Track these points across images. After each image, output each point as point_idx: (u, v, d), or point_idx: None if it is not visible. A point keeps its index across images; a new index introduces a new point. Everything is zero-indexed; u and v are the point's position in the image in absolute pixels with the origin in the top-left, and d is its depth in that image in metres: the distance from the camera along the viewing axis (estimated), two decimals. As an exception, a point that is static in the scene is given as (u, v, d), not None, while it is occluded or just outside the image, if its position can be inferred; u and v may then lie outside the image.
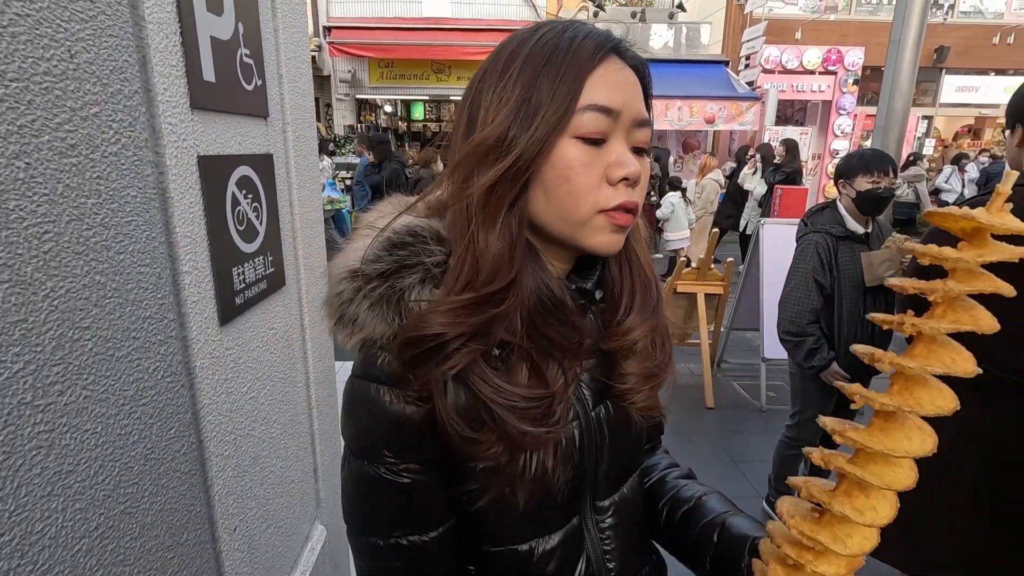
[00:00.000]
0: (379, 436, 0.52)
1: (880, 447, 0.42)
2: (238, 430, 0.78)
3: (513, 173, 0.50)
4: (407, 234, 0.53)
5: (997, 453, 1.32)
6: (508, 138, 0.50)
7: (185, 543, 0.65)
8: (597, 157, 0.51)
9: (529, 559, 0.57)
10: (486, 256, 0.50)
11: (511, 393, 0.50)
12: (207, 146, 0.68)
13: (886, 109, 4.36)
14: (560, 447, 0.54)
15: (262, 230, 0.84)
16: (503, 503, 0.54)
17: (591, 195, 0.51)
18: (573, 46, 0.50)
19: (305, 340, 1.05)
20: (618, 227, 0.53)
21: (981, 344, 1.43)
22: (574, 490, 0.58)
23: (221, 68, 0.71)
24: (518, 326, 0.51)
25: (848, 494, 0.45)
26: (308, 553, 1.06)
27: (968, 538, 1.38)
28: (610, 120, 0.51)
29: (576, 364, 0.55)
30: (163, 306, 0.60)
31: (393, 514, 0.54)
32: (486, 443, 0.50)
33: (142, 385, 0.56)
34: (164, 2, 0.59)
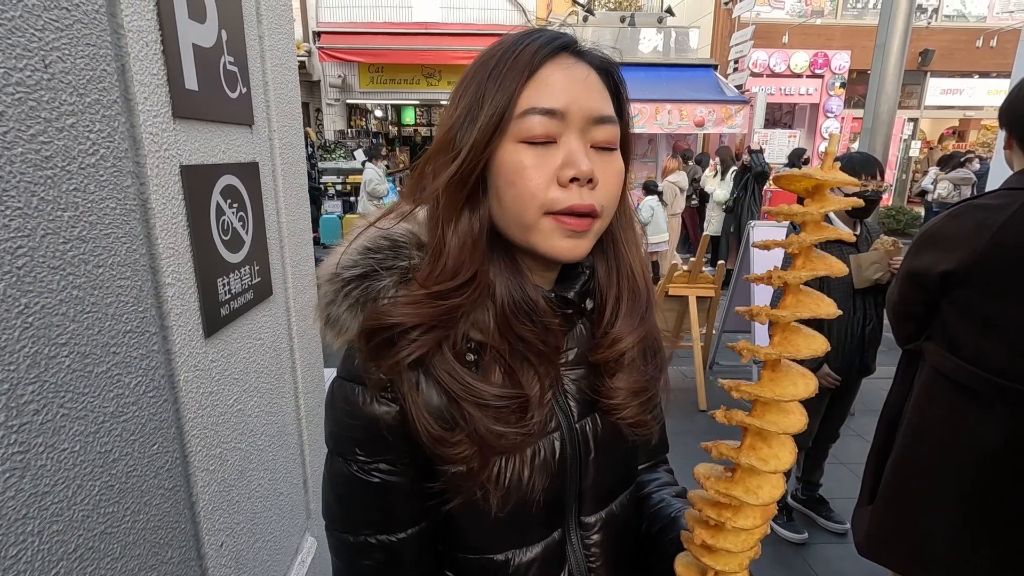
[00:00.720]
0: (353, 434, 0.53)
1: (771, 395, 0.47)
2: (224, 443, 0.76)
3: (459, 178, 0.51)
4: (383, 239, 0.54)
5: (981, 452, 1.33)
6: (455, 143, 0.51)
7: (169, 561, 0.63)
8: (546, 159, 0.50)
9: (505, 569, 0.56)
10: (447, 253, 0.51)
11: (482, 391, 0.51)
12: (190, 155, 0.67)
13: (872, 112, 4.41)
14: (537, 456, 0.54)
15: (248, 239, 0.82)
16: (476, 509, 0.53)
17: (537, 198, 0.50)
18: (516, 50, 0.50)
19: (293, 350, 1.04)
20: (572, 232, 0.51)
21: (972, 350, 1.43)
22: (555, 502, 0.57)
23: (204, 76, 0.70)
24: (490, 325, 0.52)
25: (753, 447, 0.49)
26: (298, 566, 1.04)
27: (956, 536, 1.39)
28: (556, 121, 0.50)
29: (552, 368, 0.55)
30: (145, 319, 0.59)
31: (363, 512, 0.54)
32: (457, 444, 0.50)
33: (123, 401, 0.55)
34: (144, 10, 0.58)
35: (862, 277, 2.05)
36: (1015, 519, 1.33)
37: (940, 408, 1.41)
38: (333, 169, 8.92)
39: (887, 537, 1.54)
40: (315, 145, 8.99)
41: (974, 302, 1.32)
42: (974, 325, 1.33)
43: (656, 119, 9.13)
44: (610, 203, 0.53)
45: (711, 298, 3.97)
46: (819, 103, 11.22)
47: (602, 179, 0.52)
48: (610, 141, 0.52)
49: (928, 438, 1.45)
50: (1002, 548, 1.34)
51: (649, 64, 10.20)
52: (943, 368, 1.39)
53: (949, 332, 1.38)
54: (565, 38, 0.53)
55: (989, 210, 1.30)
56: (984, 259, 1.27)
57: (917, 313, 1.46)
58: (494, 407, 0.51)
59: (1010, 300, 1.26)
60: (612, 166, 0.53)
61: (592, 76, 0.52)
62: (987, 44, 11.19)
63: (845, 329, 2.12)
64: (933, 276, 1.37)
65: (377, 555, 0.54)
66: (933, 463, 1.43)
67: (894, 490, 1.52)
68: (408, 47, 9.52)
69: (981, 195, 1.38)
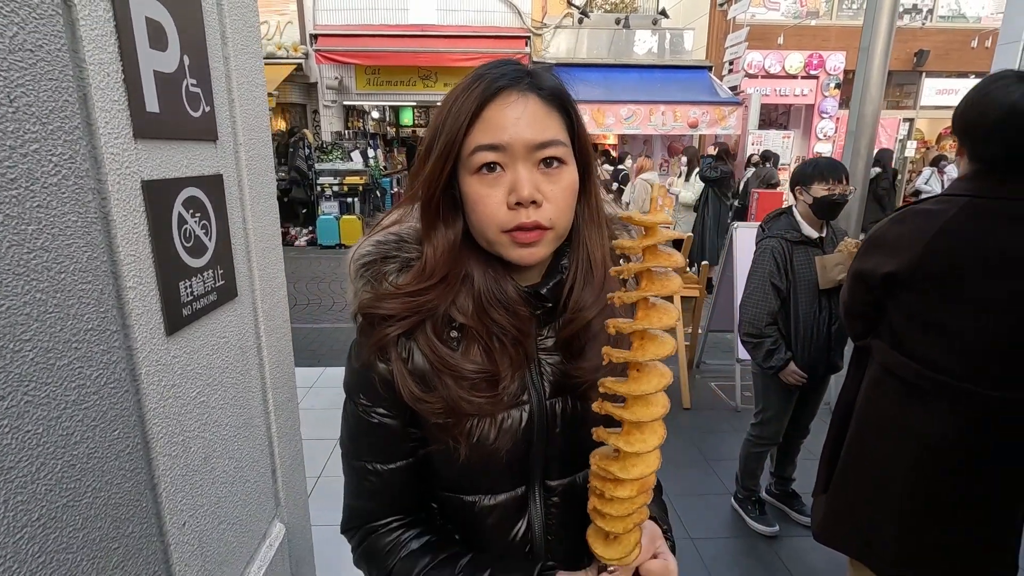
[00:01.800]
0: (356, 381, 0.69)
1: (638, 391, 0.57)
2: (187, 432, 0.83)
3: (425, 200, 0.65)
4: (391, 234, 0.70)
5: (925, 446, 1.40)
6: (424, 168, 0.64)
7: (131, 535, 0.71)
8: (496, 187, 0.61)
9: (471, 508, 0.70)
10: (426, 259, 0.66)
11: (456, 364, 0.64)
12: (152, 171, 0.75)
13: (857, 114, 4.47)
14: (505, 422, 0.66)
15: (211, 245, 0.90)
16: (448, 455, 0.66)
17: (495, 220, 0.62)
18: (469, 92, 0.61)
19: (261, 348, 1.11)
20: (523, 243, 0.62)
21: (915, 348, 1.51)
22: (522, 464, 0.69)
23: (166, 99, 0.77)
24: (469, 309, 0.65)
25: (628, 433, 0.58)
26: (266, 549, 1.12)
27: (901, 523, 1.46)
28: (500, 153, 0.60)
29: (521, 348, 0.66)
30: (106, 319, 0.66)
31: (364, 444, 0.70)
32: (433, 403, 0.64)
33: (84, 391, 0.62)
34: (106, 44, 0.65)
35: (827, 278, 2.12)
36: (956, 508, 1.40)
37: (886, 403, 1.49)
38: (330, 170, 8.99)
39: (839, 524, 1.61)
40: (312, 146, 9.07)
41: (915, 304, 1.39)
42: (916, 325, 1.40)
43: (650, 120, 9.21)
44: (558, 214, 0.63)
45: (696, 298, 4.03)
46: (814, 104, 11.28)
47: (550, 196, 0.62)
48: (556, 157, 0.62)
49: (875, 431, 1.52)
50: (943, 535, 1.42)
51: (644, 66, 10.26)
52: (889, 364, 1.47)
53: (894, 331, 1.45)
54: (508, 77, 0.62)
55: (928, 215, 1.37)
56: (921, 263, 1.33)
57: (865, 312, 1.53)
58: (468, 379, 0.64)
59: (946, 303, 1.33)
60: (559, 183, 0.63)
61: (534, 106, 0.61)
62: (982, 44, 11.24)
63: (811, 328, 2.19)
64: (877, 278, 1.44)
65: (373, 479, 0.70)
66: (880, 455, 1.50)
67: (845, 480, 1.59)
68: (404, 49, 9.61)
69: (923, 200, 1.45)
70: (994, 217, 1.28)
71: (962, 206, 1.32)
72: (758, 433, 2.42)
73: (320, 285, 6.87)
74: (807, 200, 2.20)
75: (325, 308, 5.99)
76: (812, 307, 2.18)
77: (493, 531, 0.71)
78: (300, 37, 9.84)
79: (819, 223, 2.21)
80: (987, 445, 1.34)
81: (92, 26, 0.63)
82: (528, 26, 9.99)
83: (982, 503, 1.38)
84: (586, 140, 0.67)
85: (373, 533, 0.72)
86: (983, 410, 1.33)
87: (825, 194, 2.16)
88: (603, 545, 0.62)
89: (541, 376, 0.69)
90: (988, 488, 1.38)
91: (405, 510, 0.73)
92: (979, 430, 1.34)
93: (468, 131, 0.60)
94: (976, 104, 1.30)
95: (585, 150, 0.67)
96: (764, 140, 9.56)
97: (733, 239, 3.77)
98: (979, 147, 1.31)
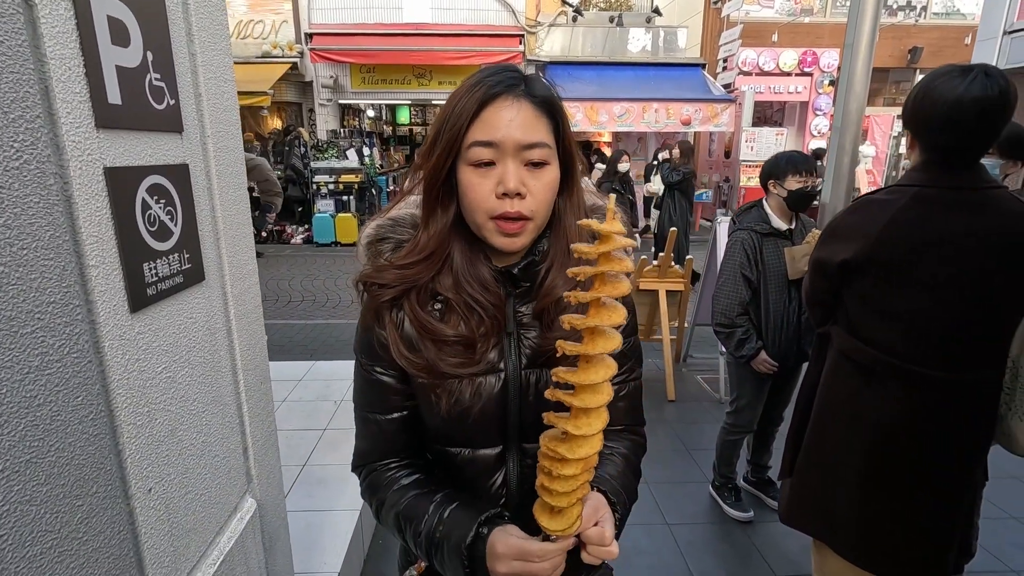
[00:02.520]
0: (361, 344, 0.82)
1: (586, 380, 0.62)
2: (152, 404, 0.89)
3: (429, 185, 0.75)
4: (389, 218, 0.81)
5: (878, 427, 1.45)
6: (427, 160, 0.74)
7: (94, 495, 0.77)
8: (488, 177, 0.71)
9: (455, 459, 0.82)
10: (421, 239, 0.76)
11: (435, 329, 0.75)
12: (114, 159, 0.80)
13: (841, 111, 4.52)
14: (482, 386, 0.76)
15: (177, 231, 0.95)
16: (430, 409, 0.78)
17: (484, 205, 0.71)
18: (471, 95, 0.70)
19: (232, 330, 1.17)
20: (506, 232, 0.72)
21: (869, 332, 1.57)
22: (497, 424, 0.79)
23: (128, 92, 0.83)
24: (449, 284, 0.76)
25: (576, 417, 0.64)
26: (236, 522, 1.18)
27: (859, 502, 1.51)
28: (493, 149, 0.70)
29: (495, 321, 0.76)
30: (68, 293, 0.72)
31: (367, 397, 0.83)
32: (416, 363, 0.75)
33: (47, 358, 0.68)
34: (67, 41, 0.71)
35: (795, 268, 2.18)
36: (910, 491, 1.45)
37: (843, 386, 1.54)
38: (326, 168, 9.04)
39: (803, 506, 1.66)
40: (308, 145, 9.12)
41: (868, 290, 1.44)
42: (869, 311, 1.45)
43: (643, 118, 9.25)
44: (538, 207, 0.73)
45: (681, 292, 4.09)
46: (808, 101, 11.31)
47: (533, 191, 0.72)
48: (541, 159, 0.72)
49: (834, 414, 1.57)
50: (899, 517, 1.47)
51: (637, 64, 10.30)
52: (845, 349, 1.52)
53: (850, 317, 1.50)
54: (505, 84, 0.71)
55: (880, 205, 1.42)
56: (874, 251, 1.39)
57: (824, 300, 1.58)
58: (446, 344, 0.75)
59: (897, 289, 1.39)
60: (542, 180, 0.72)
61: (526, 111, 0.71)
62: (975, 41, 11.27)
63: (781, 318, 2.25)
64: (833, 266, 1.49)
65: (374, 427, 0.83)
66: (838, 437, 1.55)
67: (807, 463, 1.64)
68: (399, 48, 9.65)
69: (877, 190, 1.50)
70: (939, 206, 1.34)
71: (912, 195, 1.37)
72: (733, 421, 2.48)
73: (315, 282, 6.93)
74: (781, 193, 2.26)
75: (319, 304, 6.05)
76: (782, 297, 2.23)
77: (472, 481, 0.81)
78: (295, 36, 9.89)
79: (789, 215, 2.26)
80: (938, 427, 1.39)
81: (53, 23, 0.68)
82: (522, 24, 10.04)
83: (936, 485, 1.43)
84: (570, 142, 0.77)
85: (375, 471, 0.84)
86: (933, 392, 1.38)
87: (799, 187, 2.22)
88: (548, 518, 0.68)
89: (519, 349, 0.78)
90: (941, 470, 1.42)
91: (402, 454, 0.85)
92: (929, 412, 1.39)
93: (468, 128, 0.70)
94: (925, 98, 1.36)
95: (568, 151, 0.77)
96: (758, 137, 9.61)
97: (716, 233, 3.83)
98: (930, 138, 1.36)
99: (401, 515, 0.78)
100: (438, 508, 0.75)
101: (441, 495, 0.77)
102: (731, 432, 2.50)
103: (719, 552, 2.35)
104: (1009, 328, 1.35)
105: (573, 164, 0.78)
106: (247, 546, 1.20)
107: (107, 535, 0.79)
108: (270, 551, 1.35)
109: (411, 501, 0.78)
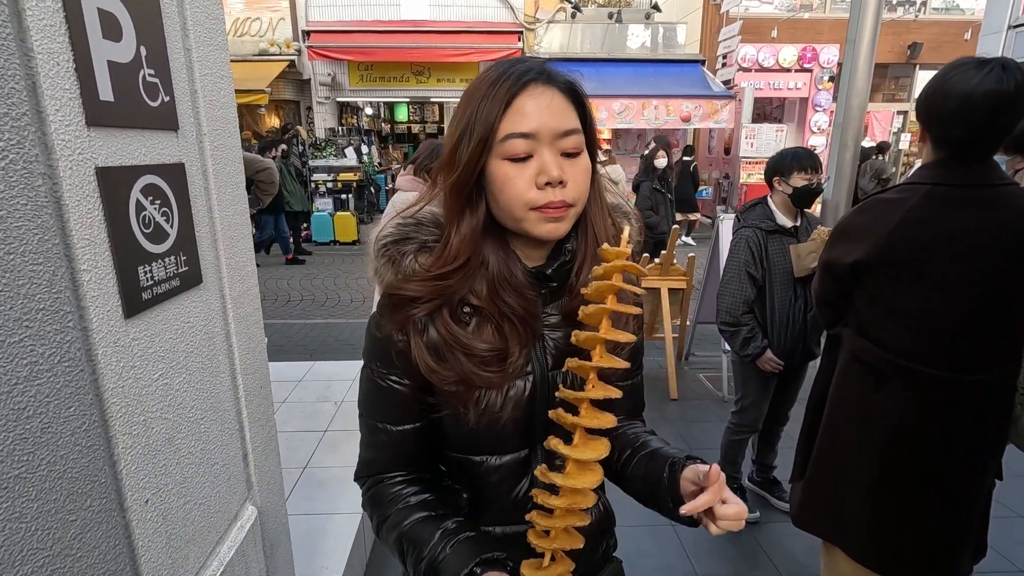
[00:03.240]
0: (373, 350, 0.76)
1: (578, 456, 0.63)
2: (148, 412, 0.86)
3: (458, 187, 0.70)
4: (410, 217, 0.76)
5: (889, 428, 1.43)
6: (455, 158, 0.69)
7: (89, 508, 0.74)
8: (525, 169, 0.68)
9: (479, 468, 0.78)
10: (451, 244, 0.71)
11: (468, 343, 0.71)
12: (107, 158, 0.77)
13: (844, 107, 4.49)
14: (511, 390, 0.74)
15: (173, 232, 0.92)
16: (458, 419, 0.74)
17: (523, 198, 0.68)
18: (497, 86, 0.67)
19: (230, 334, 1.14)
20: (552, 218, 0.68)
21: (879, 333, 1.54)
22: (525, 428, 0.76)
23: (121, 88, 0.79)
24: (483, 292, 0.71)
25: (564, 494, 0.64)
26: (237, 531, 1.15)
27: (869, 504, 1.49)
28: (530, 140, 0.67)
29: (529, 328, 0.73)
30: (59, 300, 0.68)
31: (376, 406, 0.78)
32: (446, 376, 0.71)
33: (37, 368, 0.65)
34: (55, 34, 0.68)
35: (801, 266, 2.15)
36: (921, 492, 1.43)
37: (854, 388, 1.51)
38: (324, 167, 8.99)
39: (814, 508, 1.64)
40: (306, 143, 9.07)
41: (878, 291, 1.42)
42: (880, 311, 1.42)
43: (643, 114, 9.21)
44: (580, 194, 0.70)
45: (683, 290, 4.06)
46: (808, 97, 11.27)
47: (571, 178, 0.68)
48: (576, 147, 0.69)
49: (844, 416, 1.55)
50: (910, 519, 1.45)
51: (637, 60, 10.26)
52: (856, 351, 1.49)
53: (860, 318, 1.48)
54: (533, 72, 0.68)
55: (890, 204, 1.40)
56: (884, 251, 1.36)
57: (833, 301, 1.55)
58: (479, 356, 0.71)
59: (908, 288, 1.36)
60: (579, 167, 0.70)
61: (557, 98, 0.68)
62: (975, 36, 11.24)
63: (787, 316, 2.22)
64: (843, 267, 1.46)
65: (383, 437, 0.78)
66: (849, 440, 1.53)
67: (818, 466, 1.62)
68: (397, 45, 9.60)
69: (887, 189, 1.48)
70: (950, 203, 1.31)
71: (923, 194, 1.35)
72: (738, 421, 2.46)
73: (314, 282, 6.89)
74: (786, 190, 2.23)
75: (318, 304, 6.01)
76: (787, 295, 2.21)
77: (497, 489, 0.78)
78: (293, 34, 9.83)
79: (794, 212, 2.24)
80: (949, 428, 1.37)
81: (40, 16, 0.65)
82: (521, 21, 9.98)
83: (946, 487, 1.41)
84: (594, 130, 0.74)
85: (380, 483, 0.80)
86: (943, 393, 1.35)
87: (804, 183, 2.19)
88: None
89: (544, 350, 0.76)
90: (952, 470, 1.40)
91: (410, 467, 0.80)
92: (940, 413, 1.37)
93: (500, 121, 0.66)
94: (938, 91, 1.33)
95: (593, 139, 0.74)
96: (758, 134, 9.58)
97: (719, 230, 3.80)
98: (943, 132, 1.34)
99: (404, 537, 0.74)
100: (444, 537, 0.71)
101: (450, 523, 0.73)
102: (736, 432, 2.48)
103: (725, 553, 2.33)
104: (1022, 326, 1.33)
105: (595, 152, 0.75)
106: (248, 555, 1.17)
107: (102, 550, 0.76)
108: (271, 559, 1.32)
109: (416, 525, 0.73)
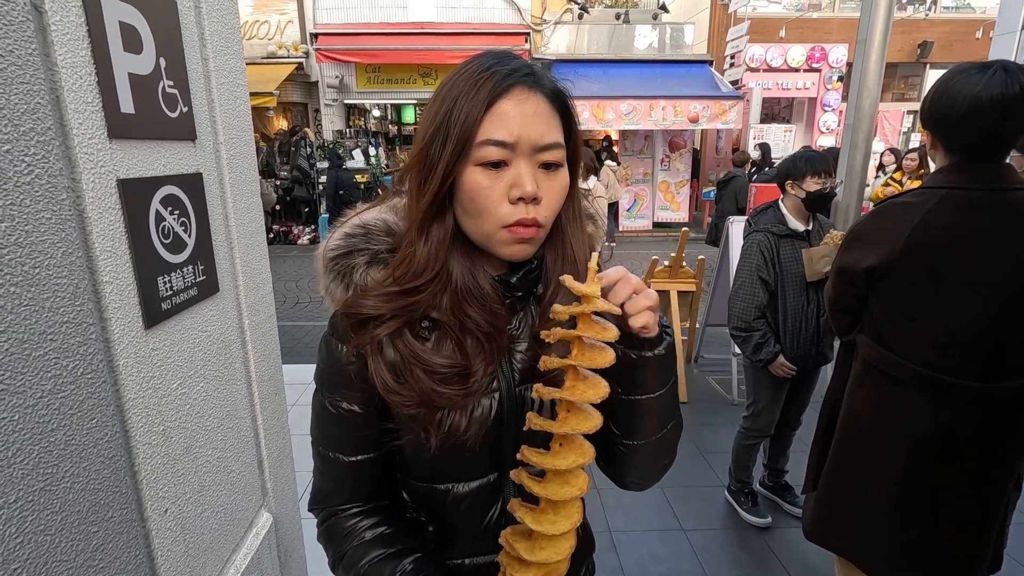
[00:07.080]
0: (326, 373, 0.72)
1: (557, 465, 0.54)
2: (168, 422, 0.86)
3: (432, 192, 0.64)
4: (358, 226, 0.70)
5: (909, 439, 1.41)
6: (427, 158, 0.63)
7: (111, 520, 0.74)
8: (499, 180, 0.62)
9: (445, 497, 0.72)
10: (418, 257, 0.65)
11: (428, 360, 0.65)
12: (128, 170, 0.77)
13: (854, 107, 4.45)
14: (476, 410, 0.67)
15: (191, 242, 0.92)
16: (419, 445, 0.67)
17: (494, 213, 0.63)
18: (478, 83, 0.61)
19: (246, 342, 1.14)
20: (522, 239, 0.64)
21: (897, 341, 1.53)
22: (493, 450, 0.70)
23: (141, 100, 0.80)
24: (444, 306, 0.66)
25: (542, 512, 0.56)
26: (252, 538, 1.15)
27: (885, 519, 1.47)
28: (507, 149, 0.61)
29: (495, 343, 0.67)
30: (82, 312, 0.69)
31: (329, 434, 0.73)
32: (406, 395, 0.65)
33: (61, 381, 0.65)
34: (78, 48, 0.68)
35: (813, 270, 2.14)
36: (939, 502, 1.41)
37: (871, 397, 1.50)
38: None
39: (827, 522, 1.62)
40: (313, 145, 9.11)
41: (896, 296, 1.40)
42: (897, 318, 1.41)
43: (651, 115, 9.18)
44: (552, 213, 0.65)
45: (693, 292, 4.05)
46: (816, 97, 11.21)
47: (546, 195, 0.64)
48: (555, 161, 0.64)
49: (861, 426, 1.53)
50: (927, 530, 1.43)
51: (644, 61, 10.23)
52: (872, 359, 1.48)
53: (876, 325, 1.46)
54: (519, 73, 0.63)
55: (907, 208, 1.38)
56: (901, 256, 1.35)
57: (849, 307, 1.54)
58: (439, 373, 0.65)
59: (926, 295, 1.35)
60: (555, 183, 0.65)
61: (542, 106, 0.63)
62: (986, 35, 11.13)
63: (799, 321, 2.20)
64: (859, 272, 1.45)
65: (336, 468, 0.73)
66: (865, 451, 1.51)
67: (831, 478, 1.60)
68: (404, 47, 9.62)
69: (903, 193, 1.46)
70: (969, 207, 1.30)
71: (941, 198, 1.33)
72: (749, 425, 2.44)
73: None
74: (799, 194, 2.21)
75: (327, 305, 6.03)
76: (800, 300, 2.19)
77: (466, 517, 0.72)
78: (300, 36, 9.88)
79: (806, 216, 2.22)
80: (969, 437, 1.35)
81: (63, 31, 0.65)
82: (528, 22, 9.98)
83: (965, 496, 1.39)
84: (579, 142, 0.69)
85: (334, 516, 0.75)
86: (964, 402, 1.34)
87: (818, 188, 2.17)
88: None
89: (511, 364, 0.71)
90: (971, 481, 1.39)
91: (366, 498, 0.75)
92: (960, 422, 1.35)
93: (480, 123, 0.61)
94: (943, 97, 1.32)
95: (576, 152, 0.69)
96: (765, 134, 9.52)
97: (729, 233, 3.78)
98: (954, 137, 1.33)
99: None
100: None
101: (408, 563, 0.68)
102: (748, 437, 2.46)
103: (736, 559, 2.31)
104: (1045, 333, 1.31)
105: (577, 167, 0.70)
106: (263, 562, 1.18)
107: (123, 561, 0.77)
108: (285, 565, 1.32)
109: (373, 566, 0.69)
